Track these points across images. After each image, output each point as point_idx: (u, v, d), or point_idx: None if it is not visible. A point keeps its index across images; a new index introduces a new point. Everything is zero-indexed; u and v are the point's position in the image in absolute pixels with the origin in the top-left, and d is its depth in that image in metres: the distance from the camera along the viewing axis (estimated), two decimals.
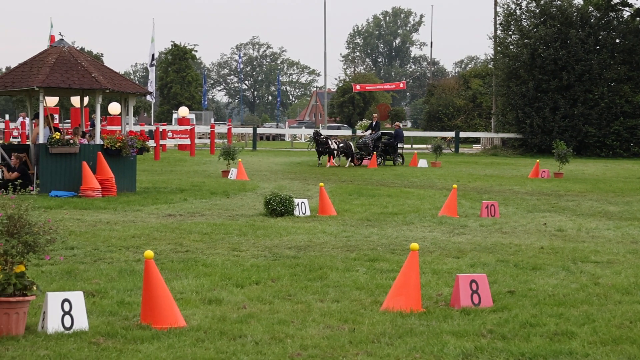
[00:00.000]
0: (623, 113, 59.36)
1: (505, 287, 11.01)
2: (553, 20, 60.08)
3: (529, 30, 61.29)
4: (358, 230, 16.70)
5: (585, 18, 60.75)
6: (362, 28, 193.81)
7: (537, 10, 61.60)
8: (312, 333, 8.56)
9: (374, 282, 11.24)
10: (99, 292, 10.23)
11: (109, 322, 8.84)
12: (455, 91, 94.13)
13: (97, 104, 23.58)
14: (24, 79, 22.72)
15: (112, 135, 23.84)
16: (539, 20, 61.06)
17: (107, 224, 16.86)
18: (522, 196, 25.10)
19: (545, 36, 59.35)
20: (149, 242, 14.42)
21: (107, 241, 14.42)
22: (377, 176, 32.76)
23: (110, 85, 23.01)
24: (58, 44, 24.13)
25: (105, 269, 11.77)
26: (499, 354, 7.90)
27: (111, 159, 22.87)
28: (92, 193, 21.77)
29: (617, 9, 62.47)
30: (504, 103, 63.05)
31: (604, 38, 60.95)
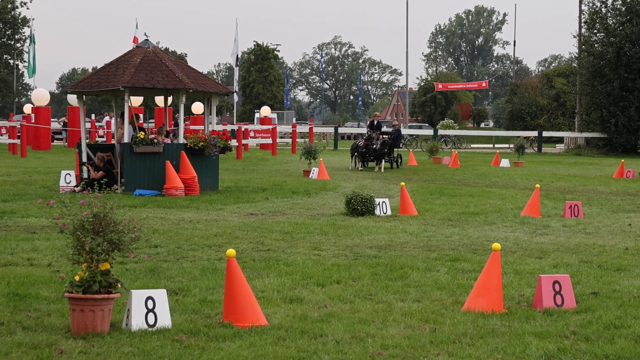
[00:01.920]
0: None
1: (588, 288, 10.86)
2: (639, 18, 58.95)
3: (615, 28, 60.21)
4: (439, 230, 16.64)
5: None
6: (445, 27, 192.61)
7: (623, 8, 60.49)
8: (392, 333, 8.57)
9: (455, 282, 11.19)
10: (182, 290, 10.38)
11: (192, 319, 8.97)
12: (538, 90, 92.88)
13: (180, 103, 23.91)
14: (109, 79, 23.15)
15: (195, 134, 24.15)
16: (625, 18, 59.96)
17: (190, 222, 17.09)
18: (607, 196, 24.69)
19: (631, 34, 58.28)
20: (230, 241, 14.58)
21: (190, 239, 14.62)
22: (458, 176, 32.55)
23: (193, 85, 23.31)
24: (143, 44, 24.53)
25: (188, 267, 11.94)
26: (582, 356, 7.81)
27: (194, 158, 23.17)
28: (176, 192, 22.09)
29: None
30: (588, 102, 62.08)
31: None
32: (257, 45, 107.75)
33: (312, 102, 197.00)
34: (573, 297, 9.83)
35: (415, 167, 38.42)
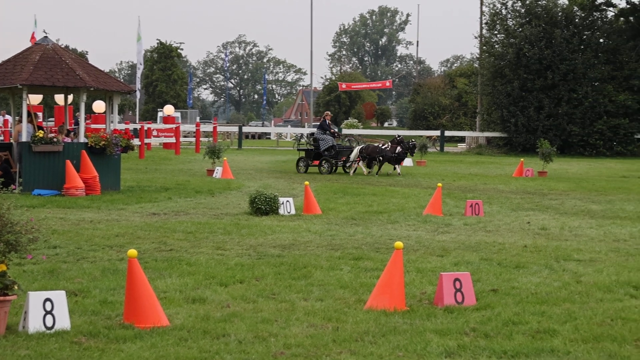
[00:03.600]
0: (606, 112, 59.59)
1: (488, 285, 11.04)
2: (538, 19, 60.29)
3: (515, 30, 61.45)
4: (343, 229, 16.72)
5: (570, 18, 61.01)
6: (349, 27, 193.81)
7: (523, 9, 61.78)
8: (295, 332, 8.57)
9: (358, 280, 11.25)
10: (82, 292, 10.20)
11: (92, 321, 8.82)
12: (440, 90, 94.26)
13: (81, 102, 23.50)
14: (7, 76, 22.61)
15: (97, 133, 23.79)
16: (525, 20, 61.25)
17: (91, 222, 16.82)
18: (506, 195, 25.17)
19: (530, 36, 59.55)
20: (132, 241, 14.39)
21: (91, 240, 14.39)
22: (362, 175, 32.76)
23: (94, 83, 22.94)
24: (42, 41, 24.04)
25: (88, 268, 11.74)
26: (482, 352, 7.93)
27: (95, 158, 22.81)
28: (76, 192, 21.71)
29: (601, 9, 62.74)
30: (489, 102, 63.20)
31: (588, 38, 61.19)
32: (160, 43, 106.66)
33: (217, 101, 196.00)
34: (473, 294, 9.97)
35: None
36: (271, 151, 56.38)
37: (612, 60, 60.84)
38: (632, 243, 15.39)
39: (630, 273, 11.99)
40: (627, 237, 16.26)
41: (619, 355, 7.86)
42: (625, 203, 22.93)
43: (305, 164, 34.39)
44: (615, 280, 11.43)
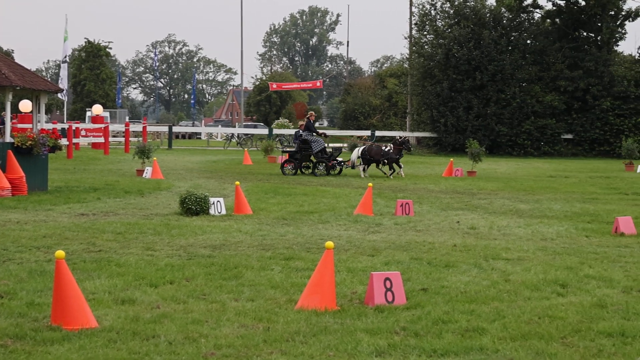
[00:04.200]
0: (534, 113, 60.53)
1: (418, 284, 11.11)
2: (467, 20, 60.98)
3: (444, 31, 62.03)
4: (274, 229, 16.69)
5: (498, 19, 61.82)
6: (279, 27, 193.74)
7: (452, 10, 62.38)
8: (226, 332, 8.52)
9: (289, 280, 11.23)
10: (8, 294, 10.02)
11: (18, 323, 8.67)
12: (371, 90, 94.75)
13: (7, 101, 23.10)
14: None
15: (23, 133, 23.39)
16: (453, 21, 61.88)
17: (17, 223, 16.53)
18: (436, 195, 25.38)
19: (459, 36, 60.19)
20: (60, 242, 14.18)
21: (17, 241, 14.14)
22: (293, 175, 32.76)
23: (20, 82, 22.56)
24: None
25: (14, 270, 11.53)
26: (412, 351, 7.97)
27: (22, 158, 22.43)
28: (2, 192, 21.32)
29: (528, 11, 63.72)
30: (418, 102, 63.71)
31: (516, 39, 62.07)
32: (88, 42, 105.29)
33: (146, 100, 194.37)
34: (403, 293, 10.02)
35: (250, 166, 38.46)
36: (202, 151, 56.06)
37: (539, 61, 61.82)
38: (559, 242, 15.63)
39: (557, 271, 12.17)
40: (554, 236, 16.51)
41: (546, 352, 7.97)
42: (553, 202, 23.29)
43: (293, 167, 33.35)
44: (542, 278, 11.59)
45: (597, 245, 15.18)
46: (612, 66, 61.83)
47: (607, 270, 12.37)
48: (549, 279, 11.53)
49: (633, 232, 16.61)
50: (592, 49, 61.91)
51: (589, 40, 63.44)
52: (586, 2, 61.41)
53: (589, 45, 62.74)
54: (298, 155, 33.38)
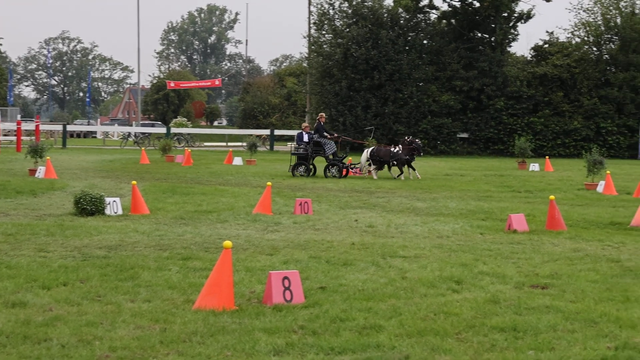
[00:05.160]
0: (430, 112, 61.48)
1: (317, 283, 11.12)
2: (365, 20, 61.49)
3: (342, 30, 62.45)
4: (171, 228, 16.52)
5: (395, 19, 62.54)
6: (177, 24, 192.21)
7: (350, 10, 62.84)
8: (121, 334, 8.39)
9: (187, 281, 11.13)
10: None
11: None
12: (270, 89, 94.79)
13: None
14: None
15: None
16: (352, 21, 62.34)
17: None
18: (335, 193, 25.50)
19: (357, 36, 60.67)
20: None
21: None
22: (191, 174, 32.54)
23: None
24: None
25: None
26: (310, 349, 7.98)
27: None
28: None
29: (424, 11, 64.65)
30: (317, 101, 63.98)
31: (413, 39, 62.90)
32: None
33: (39, 98, 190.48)
34: (302, 292, 10.03)
35: (148, 165, 38.03)
36: (97, 150, 55.21)
37: (436, 62, 62.79)
38: (455, 239, 15.86)
39: (452, 268, 12.34)
40: (450, 233, 16.75)
41: (441, 348, 8.07)
42: (449, 200, 23.64)
43: (306, 169, 33.04)
44: (438, 275, 11.74)
45: (491, 242, 15.45)
46: (506, 67, 63.23)
47: (500, 266, 12.61)
48: (444, 276, 11.68)
49: (525, 229, 16.97)
50: (486, 49, 63.18)
51: (483, 41, 64.71)
52: (480, 3, 62.59)
53: (483, 46, 64.00)
54: (308, 157, 33.22)
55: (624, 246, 15.05)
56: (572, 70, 63.19)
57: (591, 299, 10.27)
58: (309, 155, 33.18)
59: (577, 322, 9.07)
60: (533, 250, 14.42)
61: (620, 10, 64.16)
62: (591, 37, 65.10)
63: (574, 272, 12.10)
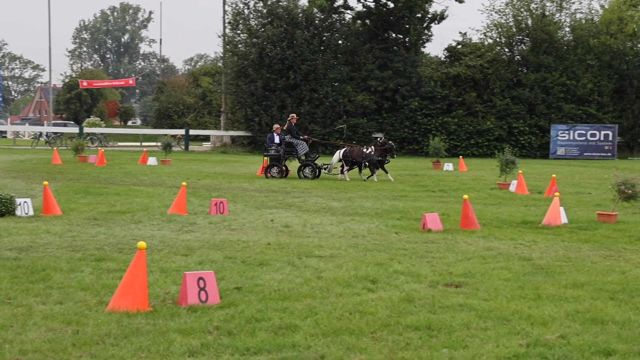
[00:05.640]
0: (346, 112, 61.82)
1: (232, 283, 11.08)
2: (280, 20, 61.51)
3: (257, 30, 62.36)
4: (84, 229, 16.27)
5: (310, 19, 62.69)
6: (89, 23, 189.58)
7: (265, 10, 62.77)
8: (32, 337, 8.22)
9: (100, 282, 10.97)
10: None
11: None
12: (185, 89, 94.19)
13: None
14: None
15: None
16: (267, 20, 62.30)
17: None
18: (251, 193, 25.44)
19: (272, 36, 60.65)
20: None
21: None
22: (105, 174, 32.12)
23: None
24: None
25: None
26: (225, 350, 7.93)
27: None
28: None
29: (339, 12, 64.93)
30: (233, 101, 63.78)
31: (328, 39, 63.14)
32: None
33: None
34: (217, 292, 9.97)
35: (60, 166, 37.41)
36: (7, 150, 54.11)
37: (351, 62, 63.16)
38: (370, 239, 15.95)
39: (367, 268, 12.41)
40: (366, 233, 16.84)
41: (357, 347, 8.11)
42: (364, 200, 23.78)
43: (279, 170, 32.87)
44: (354, 275, 11.79)
45: (405, 241, 15.58)
46: (420, 67, 63.93)
47: (415, 265, 12.73)
48: (359, 275, 11.74)
49: (439, 228, 17.17)
50: (400, 50, 63.77)
51: (397, 42, 65.30)
52: (394, 4, 63.12)
53: (397, 47, 64.58)
54: (281, 159, 33.03)
55: (536, 245, 15.34)
56: (485, 71, 64.22)
57: (504, 297, 10.44)
58: (282, 157, 33.19)
59: (490, 320, 9.21)
60: (447, 249, 14.59)
61: (531, 12, 65.40)
62: (503, 38, 66.24)
63: (487, 271, 12.28)
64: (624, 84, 65.57)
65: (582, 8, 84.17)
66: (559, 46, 64.93)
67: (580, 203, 23.64)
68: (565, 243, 15.57)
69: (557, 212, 18.49)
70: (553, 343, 8.27)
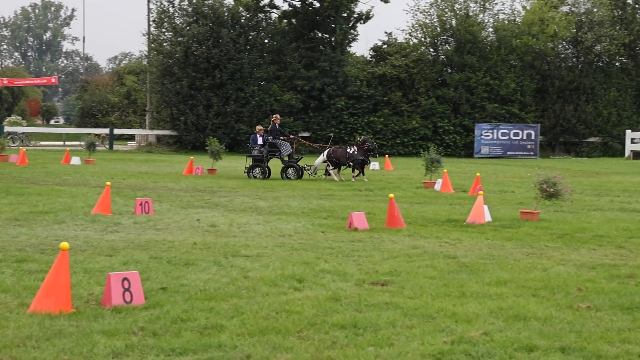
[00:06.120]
0: (273, 111, 61.68)
1: (158, 283, 10.97)
2: (205, 19, 61.22)
3: (182, 28, 61.98)
4: (5, 230, 15.96)
5: (236, 18, 62.53)
6: (10, 20, 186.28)
7: (190, 8, 62.42)
8: None
9: (22, 284, 10.76)
10: None
11: None
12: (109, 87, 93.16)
13: None
14: None
15: None
16: (192, 19, 61.97)
17: None
18: (177, 193, 25.26)
19: (198, 34, 60.34)
20: None
21: None
22: (26, 174, 31.59)
23: None
24: None
25: None
26: (150, 351, 7.85)
27: None
28: None
29: (265, 11, 64.87)
30: (158, 100, 63.32)
31: (254, 38, 63.06)
32: None
33: None
34: (142, 293, 9.86)
35: None
36: None
37: (277, 61, 63.15)
38: (297, 238, 15.95)
39: (294, 267, 12.40)
40: (292, 232, 16.83)
41: (283, 346, 8.09)
42: (291, 199, 23.77)
43: (262, 171, 32.88)
44: (280, 274, 11.77)
45: (332, 240, 15.61)
46: (346, 67, 64.21)
47: (342, 264, 12.76)
48: (286, 275, 11.72)
49: (366, 227, 17.24)
50: (327, 49, 63.97)
51: (324, 41, 65.49)
52: (320, 4, 63.28)
53: (324, 46, 64.77)
54: (264, 159, 33.04)
55: (460, 243, 15.49)
56: (410, 71, 64.76)
57: (429, 294, 10.51)
58: (265, 157, 33.09)
59: (416, 318, 9.27)
60: (373, 247, 14.65)
61: (455, 12, 66.15)
62: (428, 38, 66.88)
63: (413, 269, 12.36)
64: (545, 84, 66.70)
65: (505, 9, 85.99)
66: (482, 46, 65.78)
67: (503, 201, 23.96)
68: (489, 241, 15.76)
69: (481, 210, 18.71)
70: (477, 340, 8.35)
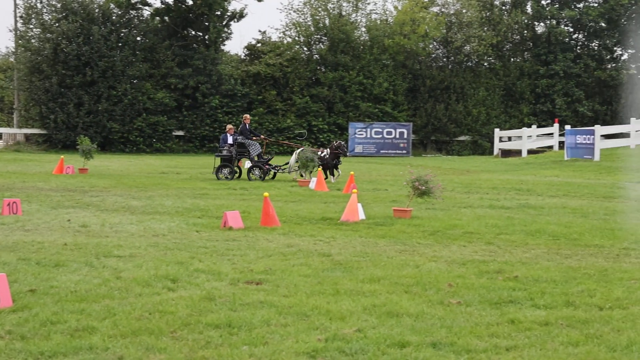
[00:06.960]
0: (145, 110, 61.08)
1: (26, 285, 10.71)
2: (75, 15, 60.09)
3: (51, 25, 60.63)
4: None
5: (107, 15, 61.55)
6: None
7: (59, 4, 61.16)
8: None
9: None
10: None
11: None
12: None
13: None
14: None
15: None
16: (61, 15, 60.70)
17: None
18: (47, 193, 24.71)
19: (67, 31, 59.17)
20: None
21: None
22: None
23: None
24: None
25: None
26: (18, 355, 7.66)
27: None
28: None
29: (137, 8, 64.06)
30: (27, 98, 61.82)
31: (126, 36, 62.18)
32: None
33: None
34: (9, 296, 9.62)
35: None
36: None
37: (150, 59, 62.46)
38: (171, 237, 15.81)
39: (168, 267, 12.28)
40: (166, 231, 16.68)
41: (156, 347, 8.01)
42: (164, 198, 23.54)
43: (230, 171, 32.08)
44: (154, 274, 11.64)
45: (207, 239, 15.54)
46: (220, 65, 64.00)
47: (216, 263, 12.71)
48: (160, 275, 11.60)
49: (240, 226, 17.22)
50: (200, 47, 63.61)
51: (197, 39, 65.10)
52: (193, 1, 62.89)
53: (197, 44, 64.39)
54: (233, 159, 32.46)
55: (335, 241, 15.62)
56: (285, 70, 64.98)
57: (303, 292, 10.57)
58: (234, 157, 32.55)
59: (290, 316, 9.30)
60: (248, 246, 14.64)
61: (329, 11, 66.69)
62: (302, 37, 67.21)
63: (288, 267, 12.41)
64: (417, 84, 67.89)
65: (377, 9, 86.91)
66: (355, 46, 66.50)
67: (377, 199, 24.28)
68: (363, 239, 15.95)
69: (355, 208, 18.90)
70: (350, 337, 8.44)
